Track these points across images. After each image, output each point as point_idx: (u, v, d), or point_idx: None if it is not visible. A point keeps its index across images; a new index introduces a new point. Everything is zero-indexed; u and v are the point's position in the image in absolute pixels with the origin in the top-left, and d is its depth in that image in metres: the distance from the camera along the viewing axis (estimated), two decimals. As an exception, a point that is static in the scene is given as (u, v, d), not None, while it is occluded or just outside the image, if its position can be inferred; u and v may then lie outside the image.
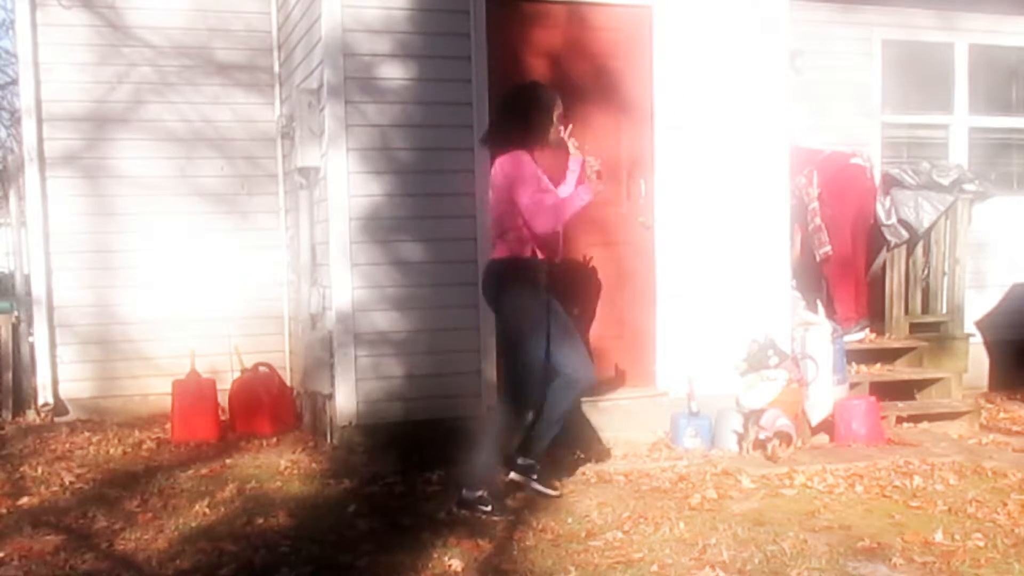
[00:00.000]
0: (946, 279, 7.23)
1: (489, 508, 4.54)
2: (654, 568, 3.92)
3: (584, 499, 4.84)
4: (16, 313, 7.36)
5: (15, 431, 6.63)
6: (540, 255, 4.68)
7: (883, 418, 6.14)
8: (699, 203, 6.17)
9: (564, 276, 6.06)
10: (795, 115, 7.00)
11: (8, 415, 7.05)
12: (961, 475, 5.25)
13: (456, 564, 3.95)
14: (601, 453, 5.69)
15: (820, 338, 6.10)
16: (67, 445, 6.12)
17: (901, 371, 6.96)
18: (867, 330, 7.12)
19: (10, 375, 7.18)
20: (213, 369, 6.71)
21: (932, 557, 4.00)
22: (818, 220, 7.03)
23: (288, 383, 6.98)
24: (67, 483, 5.25)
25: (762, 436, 5.59)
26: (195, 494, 4.99)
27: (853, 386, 6.40)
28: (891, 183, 7.26)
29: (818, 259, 7.08)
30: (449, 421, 5.60)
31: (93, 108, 7.03)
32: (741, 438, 5.71)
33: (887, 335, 7.16)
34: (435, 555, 4.05)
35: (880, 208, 7.17)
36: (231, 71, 7.24)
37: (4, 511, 4.78)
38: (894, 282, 7.18)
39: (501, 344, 5.26)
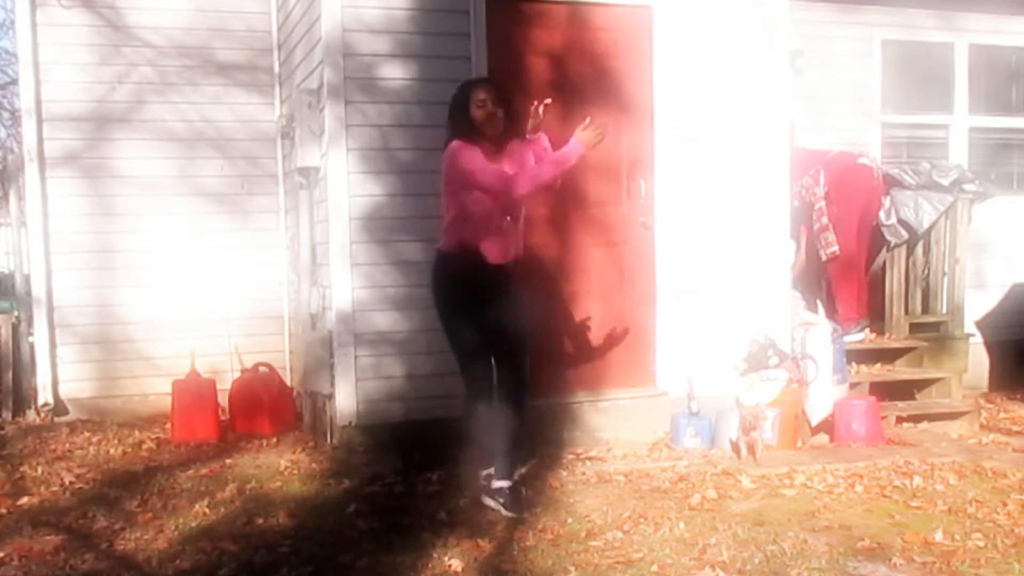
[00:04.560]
0: (946, 279, 7.23)
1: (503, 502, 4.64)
2: (654, 568, 3.92)
3: (584, 499, 4.84)
4: (16, 313, 7.36)
5: (15, 431, 6.63)
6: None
7: (883, 418, 6.14)
8: (699, 203, 6.17)
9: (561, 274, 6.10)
10: (795, 115, 7.00)
11: (8, 415, 7.05)
12: (961, 475, 5.25)
13: (456, 564, 3.95)
14: (601, 453, 5.70)
15: (820, 338, 6.10)
16: (67, 445, 6.12)
17: (901, 371, 6.96)
18: (867, 330, 7.12)
19: (10, 375, 7.18)
20: (213, 369, 6.72)
21: (932, 557, 4.01)
22: (824, 220, 7.02)
23: (288, 383, 6.97)
24: (67, 483, 5.25)
25: (732, 438, 5.63)
26: (195, 494, 4.99)
27: (853, 386, 6.41)
28: (891, 183, 7.25)
29: (824, 258, 7.07)
30: (449, 421, 5.58)
31: (93, 108, 7.03)
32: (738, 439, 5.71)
33: (887, 335, 7.16)
34: (435, 555, 4.06)
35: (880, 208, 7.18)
36: (231, 71, 7.24)
37: (4, 511, 4.78)
38: (894, 282, 7.18)
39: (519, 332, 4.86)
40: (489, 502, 4.67)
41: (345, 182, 5.68)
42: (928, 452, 5.71)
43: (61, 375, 7.01)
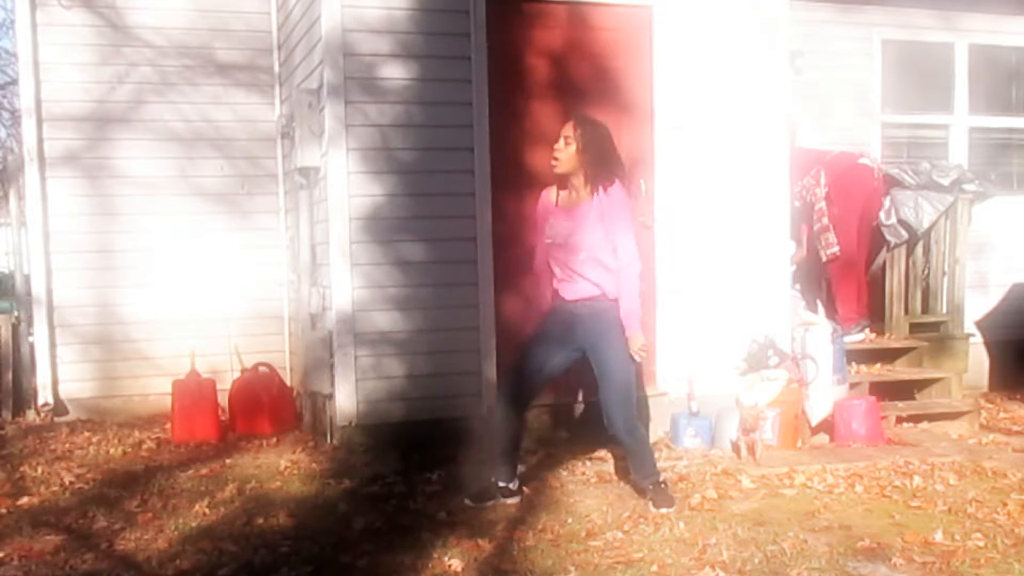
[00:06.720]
0: (946, 279, 7.23)
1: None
2: (654, 568, 3.92)
3: (584, 499, 4.84)
4: (16, 313, 7.36)
5: (15, 431, 6.63)
6: None
7: (883, 418, 6.14)
8: (699, 203, 6.17)
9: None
10: (795, 115, 7.00)
11: (8, 415, 7.05)
12: (961, 475, 5.25)
13: (456, 564, 3.95)
14: (601, 453, 5.69)
15: (820, 338, 6.10)
16: (67, 445, 6.12)
17: (901, 371, 6.96)
18: (867, 330, 7.12)
19: (10, 375, 7.18)
20: (213, 369, 6.71)
21: (932, 557, 4.01)
22: (825, 220, 7.02)
23: (288, 383, 6.97)
24: (67, 483, 5.25)
25: (732, 438, 5.64)
26: (195, 494, 4.99)
27: (853, 386, 6.41)
28: (891, 183, 7.25)
29: (824, 259, 7.07)
30: (449, 421, 5.61)
31: (93, 108, 7.02)
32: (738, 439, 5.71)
33: (887, 335, 7.16)
34: (435, 555, 4.06)
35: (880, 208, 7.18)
36: (231, 71, 7.23)
37: (4, 511, 4.78)
38: (894, 282, 7.18)
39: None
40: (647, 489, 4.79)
41: (345, 182, 5.68)
42: (928, 452, 5.71)
43: (61, 375, 7.01)
